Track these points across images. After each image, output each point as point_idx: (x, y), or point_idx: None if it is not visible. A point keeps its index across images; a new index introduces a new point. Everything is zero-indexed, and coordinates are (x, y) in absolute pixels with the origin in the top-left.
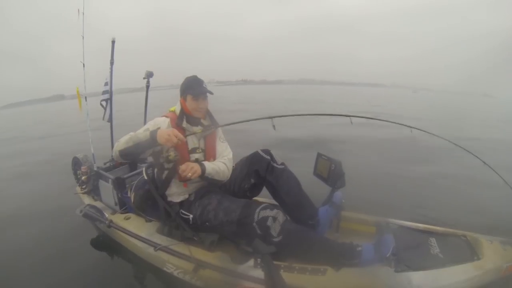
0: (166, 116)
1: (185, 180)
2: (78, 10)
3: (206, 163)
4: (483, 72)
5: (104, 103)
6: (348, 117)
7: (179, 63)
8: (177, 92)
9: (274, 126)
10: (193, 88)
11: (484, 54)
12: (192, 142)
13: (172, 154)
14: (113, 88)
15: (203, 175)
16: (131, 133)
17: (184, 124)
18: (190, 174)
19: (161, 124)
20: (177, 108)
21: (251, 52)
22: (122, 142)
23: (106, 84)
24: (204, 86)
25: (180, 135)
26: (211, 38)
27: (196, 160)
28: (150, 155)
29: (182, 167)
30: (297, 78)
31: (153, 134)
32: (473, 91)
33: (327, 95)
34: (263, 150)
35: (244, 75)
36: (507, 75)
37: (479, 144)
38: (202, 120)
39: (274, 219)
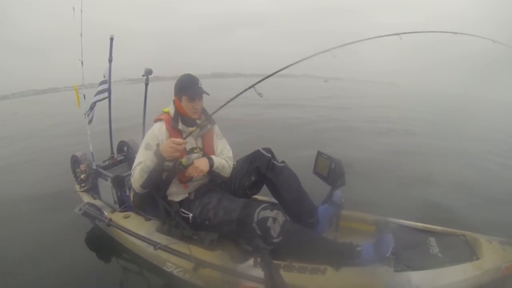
0: (161, 119)
1: (186, 181)
2: (73, 8)
3: (213, 157)
4: (399, 69)
5: (99, 103)
6: None
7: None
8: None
9: (260, 94)
10: (188, 88)
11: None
12: (189, 142)
13: (184, 160)
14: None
15: (210, 170)
16: (140, 165)
17: (180, 126)
18: (196, 174)
19: (158, 131)
20: (170, 109)
21: (161, 45)
22: (137, 177)
23: (101, 83)
24: (200, 85)
25: (180, 140)
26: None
27: (204, 154)
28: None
29: (189, 170)
30: (209, 72)
31: (158, 154)
32: (381, 80)
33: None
34: (264, 149)
35: (155, 71)
36: (415, 69)
37: None
38: (197, 121)
39: (274, 219)
